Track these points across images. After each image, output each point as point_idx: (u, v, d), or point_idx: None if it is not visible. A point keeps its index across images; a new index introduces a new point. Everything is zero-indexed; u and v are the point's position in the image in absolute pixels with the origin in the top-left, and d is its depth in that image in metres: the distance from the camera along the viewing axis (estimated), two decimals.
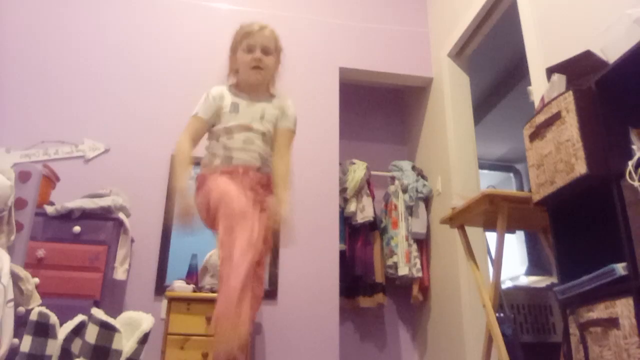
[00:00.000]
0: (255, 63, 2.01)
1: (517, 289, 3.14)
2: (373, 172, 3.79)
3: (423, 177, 3.71)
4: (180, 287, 2.67)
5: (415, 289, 3.50)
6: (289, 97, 2.14)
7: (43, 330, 1.36)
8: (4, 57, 3.32)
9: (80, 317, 1.42)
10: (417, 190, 3.60)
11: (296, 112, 2.13)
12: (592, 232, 1.71)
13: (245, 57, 2.04)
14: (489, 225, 2.41)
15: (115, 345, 1.32)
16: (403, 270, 3.40)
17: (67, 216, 2.65)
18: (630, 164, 1.42)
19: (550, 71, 1.90)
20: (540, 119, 1.78)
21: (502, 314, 2.74)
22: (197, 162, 2.07)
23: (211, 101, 2.02)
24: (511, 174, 6.22)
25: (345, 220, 3.56)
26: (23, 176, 1.75)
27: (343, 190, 3.59)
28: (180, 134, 2.01)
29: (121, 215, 2.79)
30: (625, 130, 1.54)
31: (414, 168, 3.76)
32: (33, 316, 1.38)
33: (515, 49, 3.99)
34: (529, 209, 2.01)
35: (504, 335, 2.14)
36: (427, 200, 3.66)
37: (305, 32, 3.76)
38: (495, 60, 4.54)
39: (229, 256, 1.61)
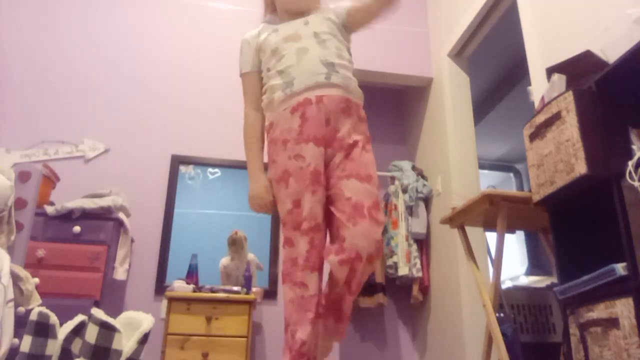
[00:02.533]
0: None
1: (517, 289, 3.14)
2: None
3: (423, 177, 3.71)
4: (180, 287, 2.67)
5: (415, 289, 3.50)
6: None
7: (43, 330, 1.36)
8: (4, 58, 3.32)
9: (80, 317, 1.42)
10: (417, 190, 3.60)
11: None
12: (592, 232, 1.71)
13: None
14: (489, 225, 2.41)
15: (115, 345, 1.32)
16: (403, 270, 3.40)
17: (67, 216, 2.65)
18: (630, 164, 1.42)
19: (550, 71, 1.90)
20: (540, 119, 1.78)
21: (502, 314, 2.74)
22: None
23: (247, 46, 1.76)
24: (511, 174, 6.22)
25: None
26: (23, 176, 1.75)
27: None
28: (244, 106, 1.75)
29: (121, 215, 2.79)
30: (625, 130, 1.54)
31: (414, 168, 3.76)
32: (33, 316, 1.37)
33: (515, 49, 3.99)
34: (529, 209, 2.01)
35: (504, 335, 2.14)
36: (427, 200, 3.66)
37: None
38: (495, 60, 4.54)
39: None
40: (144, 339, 1.38)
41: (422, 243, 3.60)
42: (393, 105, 4.44)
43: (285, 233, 1.55)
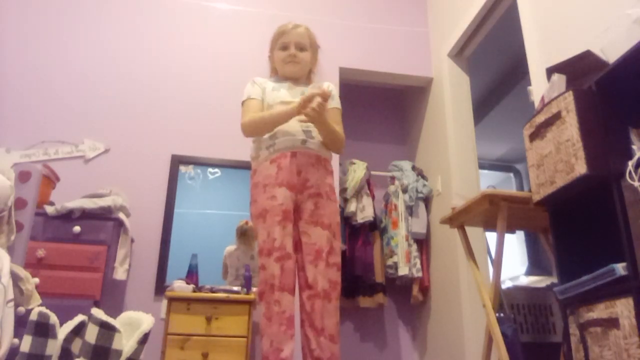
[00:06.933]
0: (290, 59, 2.13)
1: (517, 289, 3.13)
2: (373, 172, 3.79)
3: (423, 177, 3.71)
4: (180, 287, 2.66)
5: (415, 289, 3.50)
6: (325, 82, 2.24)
7: (43, 330, 1.36)
8: (4, 58, 3.32)
9: (80, 317, 1.42)
10: (417, 190, 3.60)
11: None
12: (592, 232, 1.71)
13: (280, 55, 2.15)
14: (489, 225, 2.41)
15: (115, 345, 1.32)
16: (403, 270, 3.40)
17: (67, 216, 2.65)
18: (630, 164, 1.42)
19: (550, 71, 1.90)
20: (540, 119, 1.78)
21: (502, 314, 2.74)
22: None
23: (256, 84, 2.14)
24: (511, 174, 6.22)
25: (346, 220, 3.56)
26: (23, 176, 1.75)
27: (343, 190, 3.59)
28: (242, 118, 2.08)
29: (121, 215, 2.79)
30: (625, 130, 1.54)
31: (414, 168, 3.76)
32: (33, 316, 1.37)
33: (515, 49, 3.99)
34: (529, 209, 2.01)
35: (504, 335, 2.13)
36: (427, 200, 3.66)
37: None
38: (495, 60, 4.54)
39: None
40: (144, 339, 1.38)
41: (422, 243, 3.60)
42: (393, 105, 4.44)
43: (261, 259, 1.88)
